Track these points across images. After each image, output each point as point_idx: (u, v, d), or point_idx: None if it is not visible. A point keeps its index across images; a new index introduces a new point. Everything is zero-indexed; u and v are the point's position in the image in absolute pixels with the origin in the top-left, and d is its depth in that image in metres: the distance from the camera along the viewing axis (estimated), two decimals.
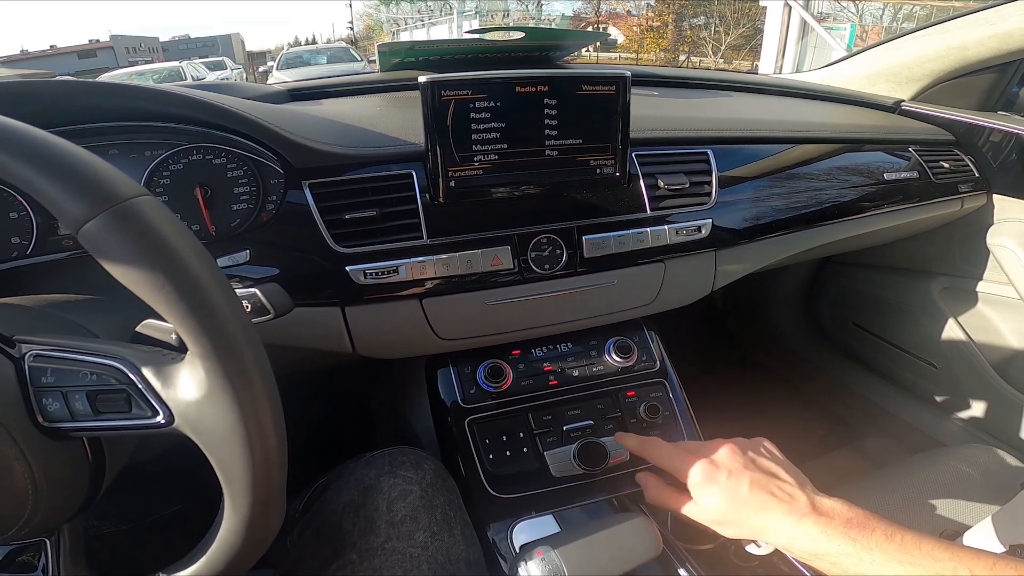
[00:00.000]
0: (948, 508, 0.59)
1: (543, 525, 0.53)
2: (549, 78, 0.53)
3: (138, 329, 0.34)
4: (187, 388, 0.27)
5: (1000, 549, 0.48)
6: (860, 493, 0.62)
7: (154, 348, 0.31)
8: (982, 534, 0.51)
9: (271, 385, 0.29)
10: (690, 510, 0.44)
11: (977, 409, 0.95)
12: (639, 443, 0.50)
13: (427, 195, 0.54)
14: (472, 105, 0.52)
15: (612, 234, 0.59)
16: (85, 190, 0.25)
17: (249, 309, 0.39)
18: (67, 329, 0.36)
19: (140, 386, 0.28)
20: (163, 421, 0.28)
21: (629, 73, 0.55)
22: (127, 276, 0.25)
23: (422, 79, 0.50)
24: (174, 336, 0.33)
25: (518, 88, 0.53)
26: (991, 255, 0.90)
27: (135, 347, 0.30)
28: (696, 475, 0.43)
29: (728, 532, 0.42)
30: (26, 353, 0.30)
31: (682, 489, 0.45)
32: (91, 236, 0.25)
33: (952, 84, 0.94)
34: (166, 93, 0.49)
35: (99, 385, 0.29)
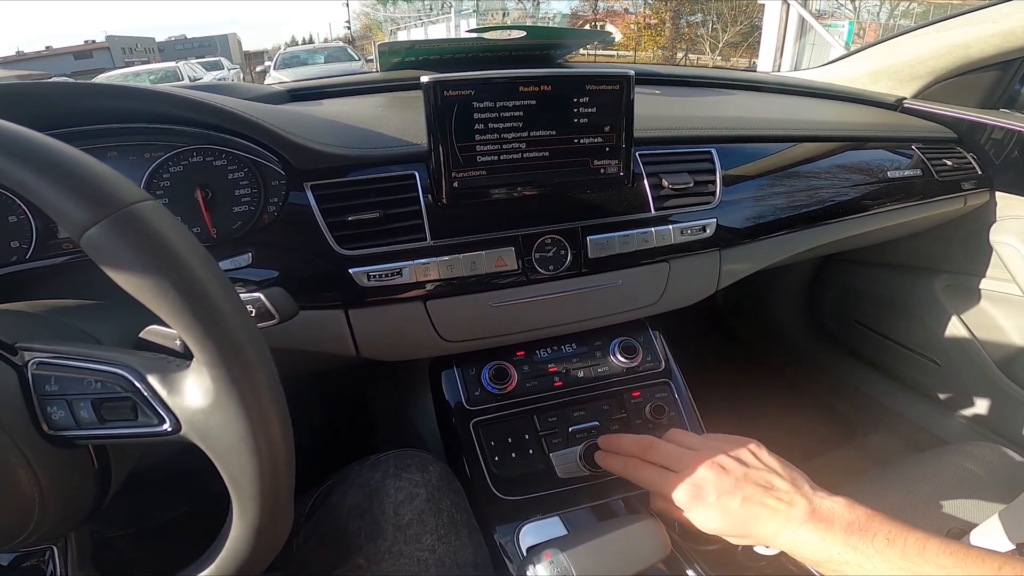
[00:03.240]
0: (953, 506, 0.59)
1: (549, 527, 0.53)
2: (552, 78, 0.53)
3: (142, 335, 0.34)
4: (194, 395, 0.27)
5: (1008, 547, 0.48)
6: (864, 492, 0.62)
7: (159, 355, 0.30)
8: (988, 532, 0.50)
9: (278, 391, 0.28)
10: (688, 522, 0.43)
11: (981, 406, 0.95)
12: (623, 465, 0.47)
13: (430, 196, 0.54)
14: (475, 105, 0.51)
15: (616, 234, 0.59)
16: (87, 195, 0.24)
17: (253, 314, 0.38)
18: (70, 335, 0.36)
19: (146, 394, 0.28)
20: (170, 429, 0.28)
21: (633, 72, 0.55)
22: (130, 283, 0.25)
23: (425, 79, 0.49)
24: (178, 342, 0.33)
25: (521, 88, 0.52)
26: (994, 252, 0.90)
27: (140, 354, 0.30)
28: (683, 498, 0.42)
29: (735, 542, 0.42)
30: (29, 361, 0.29)
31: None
32: (93, 242, 0.24)
33: (954, 82, 0.93)
34: (165, 94, 0.49)
35: (104, 393, 0.28)
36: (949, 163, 0.85)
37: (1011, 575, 0.32)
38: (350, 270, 0.52)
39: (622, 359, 0.65)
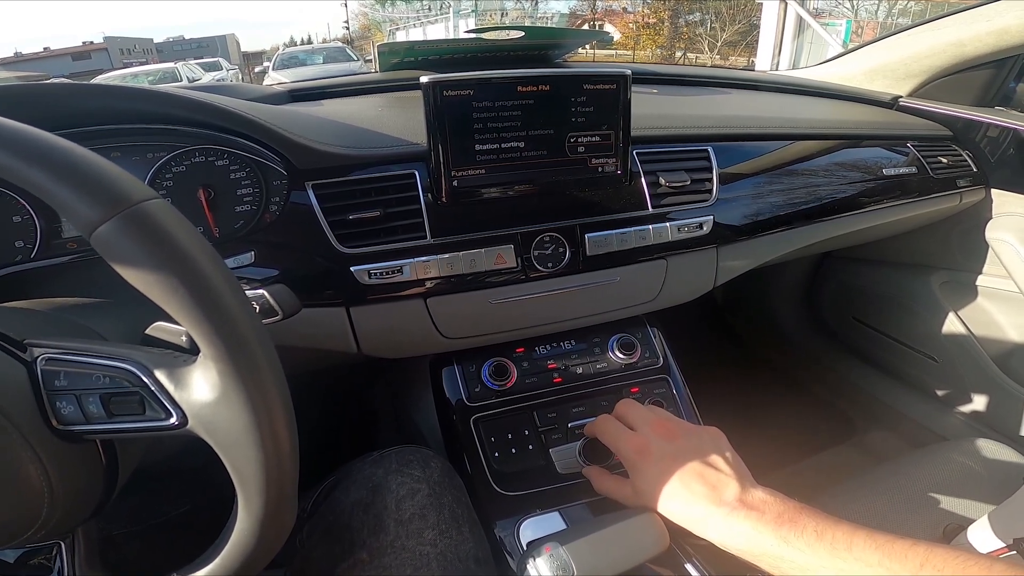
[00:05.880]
0: (950, 503, 0.59)
1: (549, 522, 0.53)
2: (550, 77, 0.53)
3: (148, 332, 0.34)
4: (200, 390, 0.28)
5: (1001, 544, 0.49)
6: (862, 489, 0.62)
7: (165, 350, 0.31)
8: (984, 528, 0.51)
9: (283, 386, 0.29)
10: (626, 494, 0.45)
11: (978, 403, 0.95)
12: (597, 421, 0.50)
13: (430, 195, 0.54)
14: (474, 105, 0.52)
15: (614, 232, 0.59)
16: (97, 193, 0.25)
17: (257, 310, 0.39)
18: (76, 332, 0.37)
19: (153, 388, 0.28)
20: (176, 423, 0.29)
21: (630, 72, 0.55)
22: (140, 279, 0.25)
23: (424, 79, 0.50)
24: (184, 338, 0.33)
25: (520, 88, 0.53)
26: (990, 249, 0.91)
27: (147, 349, 0.30)
28: (628, 452, 0.44)
29: (669, 516, 0.42)
30: (38, 356, 0.30)
31: (624, 476, 0.45)
32: (104, 240, 0.25)
33: (949, 80, 0.94)
34: (168, 95, 0.49)
35: (112, 388, 0.29)
36: (944, 160, 0.85)
37: (932, 574, 0.31)
38: (351, 268, 0.52)
39: (621, 355, 0.65)
